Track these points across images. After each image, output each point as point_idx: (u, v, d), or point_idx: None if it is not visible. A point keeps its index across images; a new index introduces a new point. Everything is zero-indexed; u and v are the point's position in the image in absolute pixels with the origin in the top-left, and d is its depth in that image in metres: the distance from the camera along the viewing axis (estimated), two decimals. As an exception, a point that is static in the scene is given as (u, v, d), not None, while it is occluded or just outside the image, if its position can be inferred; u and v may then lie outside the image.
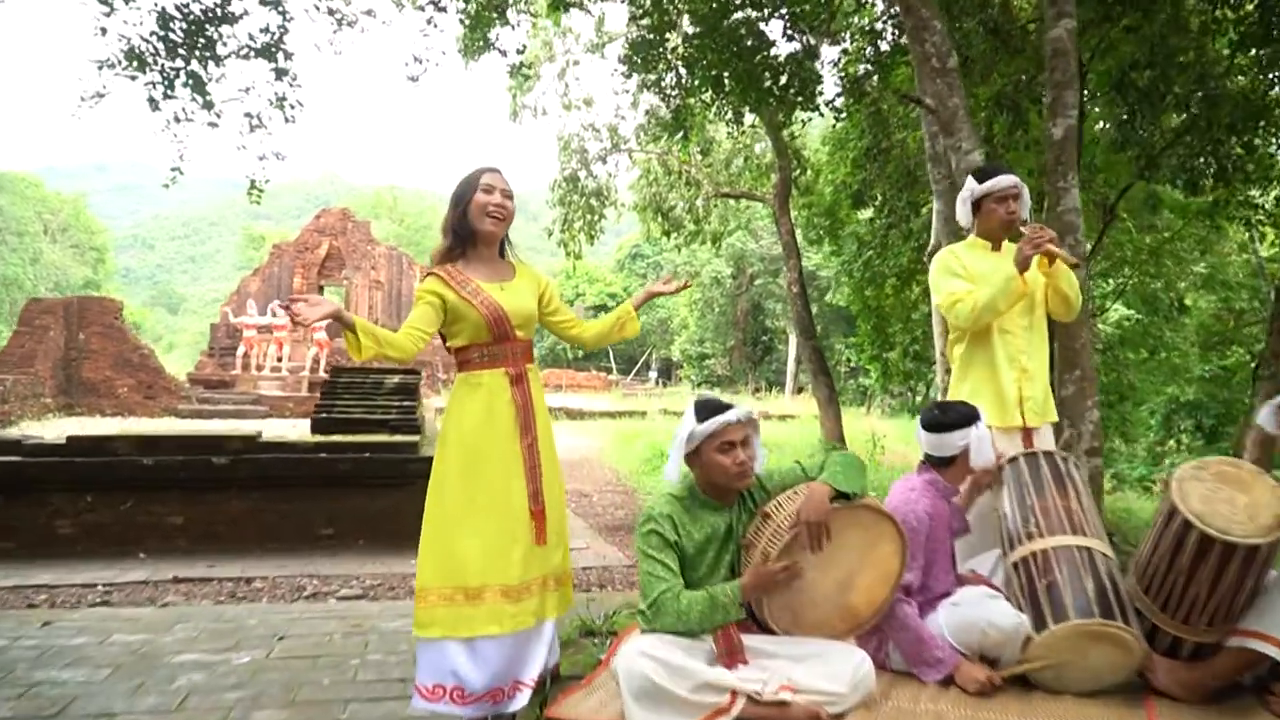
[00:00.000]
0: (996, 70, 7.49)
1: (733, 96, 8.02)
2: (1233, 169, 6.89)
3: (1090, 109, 7.59)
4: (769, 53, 7.68)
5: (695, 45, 7.67)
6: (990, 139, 7.29)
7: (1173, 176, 7.24)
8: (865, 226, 11.33)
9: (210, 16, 6.43)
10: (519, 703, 2.24)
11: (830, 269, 21.54)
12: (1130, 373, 12.80)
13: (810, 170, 13.25)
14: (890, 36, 8.58)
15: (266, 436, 5.67)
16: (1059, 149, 4.49)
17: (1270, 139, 6.95)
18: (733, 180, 14.69)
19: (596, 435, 14.27)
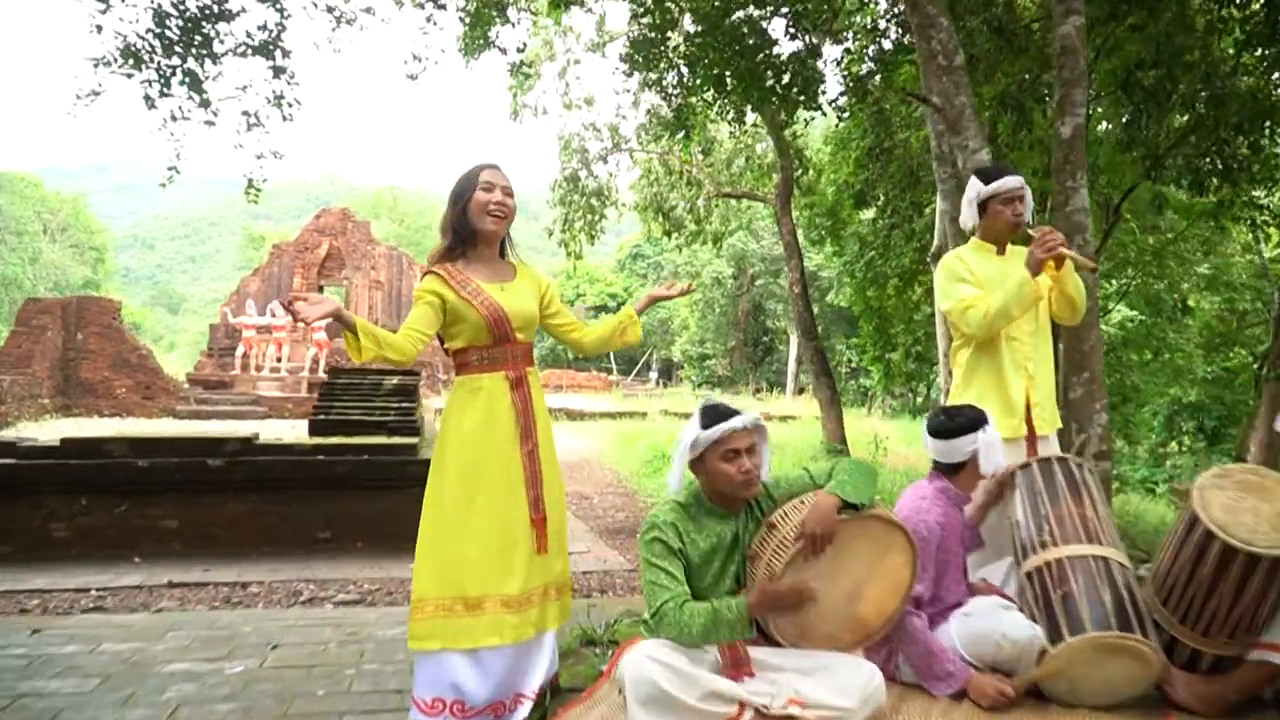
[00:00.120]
0: (1001, 69, 7.44)
1: (734, 95, 7.95)
2: (1238, 169, 6.84)
3: (1095, 109, 7.53)
4: (771, 51, 7.62)
5: (697, 44, 7.62)
6: (994, 139, 7.23)
7: (1178, 177, 7.18)
8: (867, 227, 11.29)
9: (207, 14, 6.36)
10: (519, 716, 2.19)
11: (832, 269, 21.56)
12: (1133, 374, 12.76)
13: (812, 170, 13.22)
14: (893, 35, 8.54)
15: (264, 438, 5.60)
16: (1068, 148, 4.41)
17: (1276, 139, 6.88)
18: (734, 180, 14.64)
19: (597, 436, 14.20)
